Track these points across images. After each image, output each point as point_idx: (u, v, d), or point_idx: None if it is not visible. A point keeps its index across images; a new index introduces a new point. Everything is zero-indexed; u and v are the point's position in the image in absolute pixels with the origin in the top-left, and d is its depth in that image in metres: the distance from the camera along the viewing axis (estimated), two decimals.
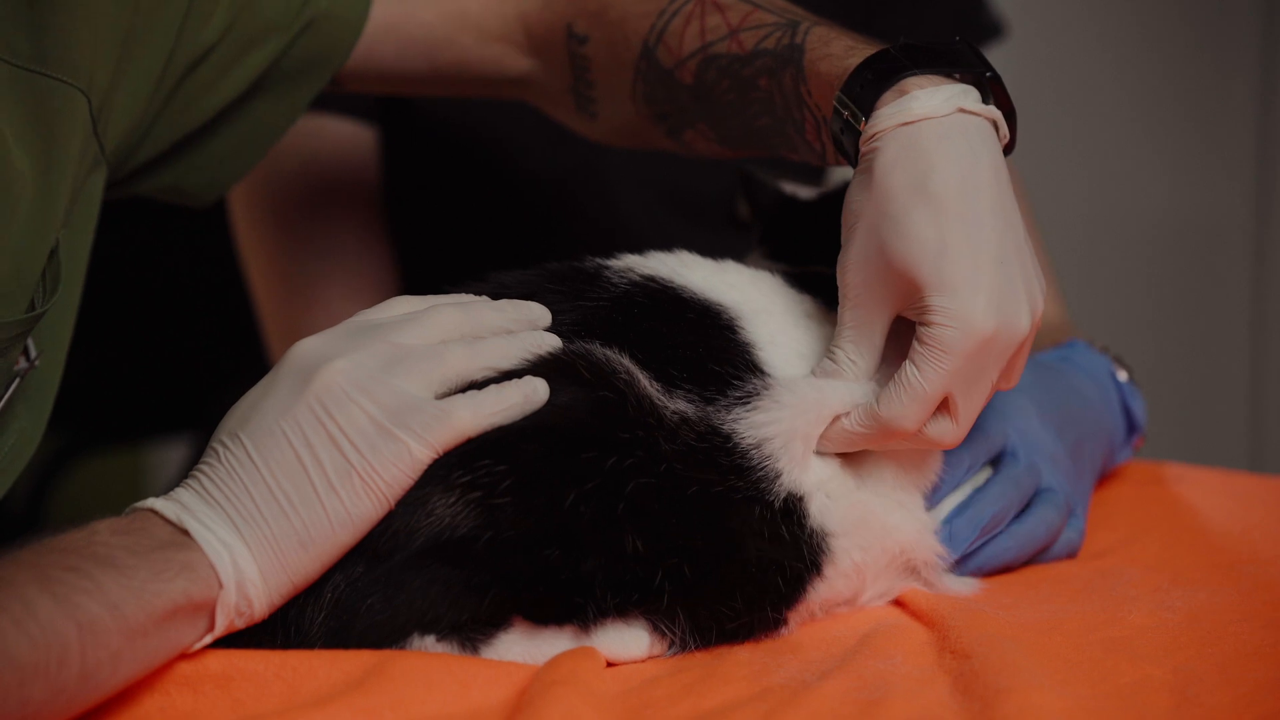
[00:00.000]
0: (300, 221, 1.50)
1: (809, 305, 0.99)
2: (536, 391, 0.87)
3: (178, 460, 2.52)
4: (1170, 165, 2.64)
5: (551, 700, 0.79)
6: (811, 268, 1.02)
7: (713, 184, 1.57)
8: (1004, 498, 0.99)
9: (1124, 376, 1.19)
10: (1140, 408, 1.18)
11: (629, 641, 0.88)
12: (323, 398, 0.83)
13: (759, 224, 1.16)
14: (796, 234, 1.12)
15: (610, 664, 0.88)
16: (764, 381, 0.92)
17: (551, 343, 0.90)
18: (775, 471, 0.90)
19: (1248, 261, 2.65)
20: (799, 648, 0.90)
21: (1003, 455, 1.01)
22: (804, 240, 1.09)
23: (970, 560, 0.98)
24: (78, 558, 0.77)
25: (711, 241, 1.13)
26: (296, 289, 1.50)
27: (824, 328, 0.97)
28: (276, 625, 0.84)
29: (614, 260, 0.98)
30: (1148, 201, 2.65)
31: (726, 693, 0.83)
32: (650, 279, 0.96)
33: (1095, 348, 1.21)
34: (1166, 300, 2.69)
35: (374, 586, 0.84)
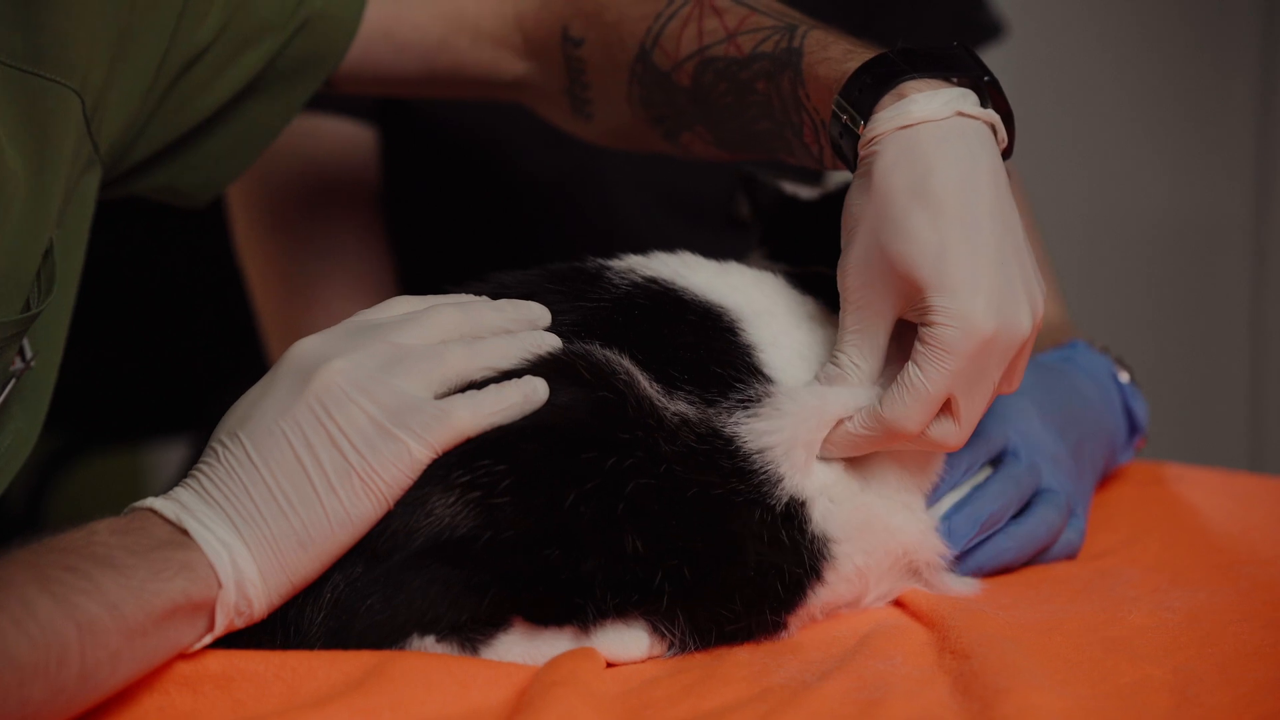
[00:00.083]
0: (299, 222, 1.50)
1: (811, 307, 0.99)
2: (536, 391, 0.87)
3: (177, 460, 2.52)
4: (1170, 165, 2.64)
5: (551, 701, 0.79)
6: (813, 268, 1.02)
7: (712, 185, 1.57)
8: (1003, 495, 0.99)
9: (1125, 377, 1.19)
10: (1142, 408, 1.18)
11: (629, 642, 0.88)
12: (322, 397, 0.83)
13: (760, 224, 1.16)
14: (798, 234, 1.11)
15: (610, 665, 0.88)
16: (766, 388, 0.92)
17: (551, 343, 0.90)
18: (777, 476, 0.90)
19: (1247, 261, 2.65)
20: (799, 648, 0.90)
21: (1003, 456, 1.01)
22: (805, 241, 1.09)
23: (970, 559, 0.98)
24: (77, 557, 0.77)
25: (711, 242, 1.12)
26: (295, 289, 1.50)
27: (826, 329, 0.97)
28: (276, 625, 0.84)
29: (616, 261, 0.98)
30: (1147, 201, 2.65)
31: (726, 693, 0.83)
32: (652, 280, 0.96)
33: (1096, 348, 1.21)
34: (1166, 300, 2.69)
35: (373, 587, 0.84)
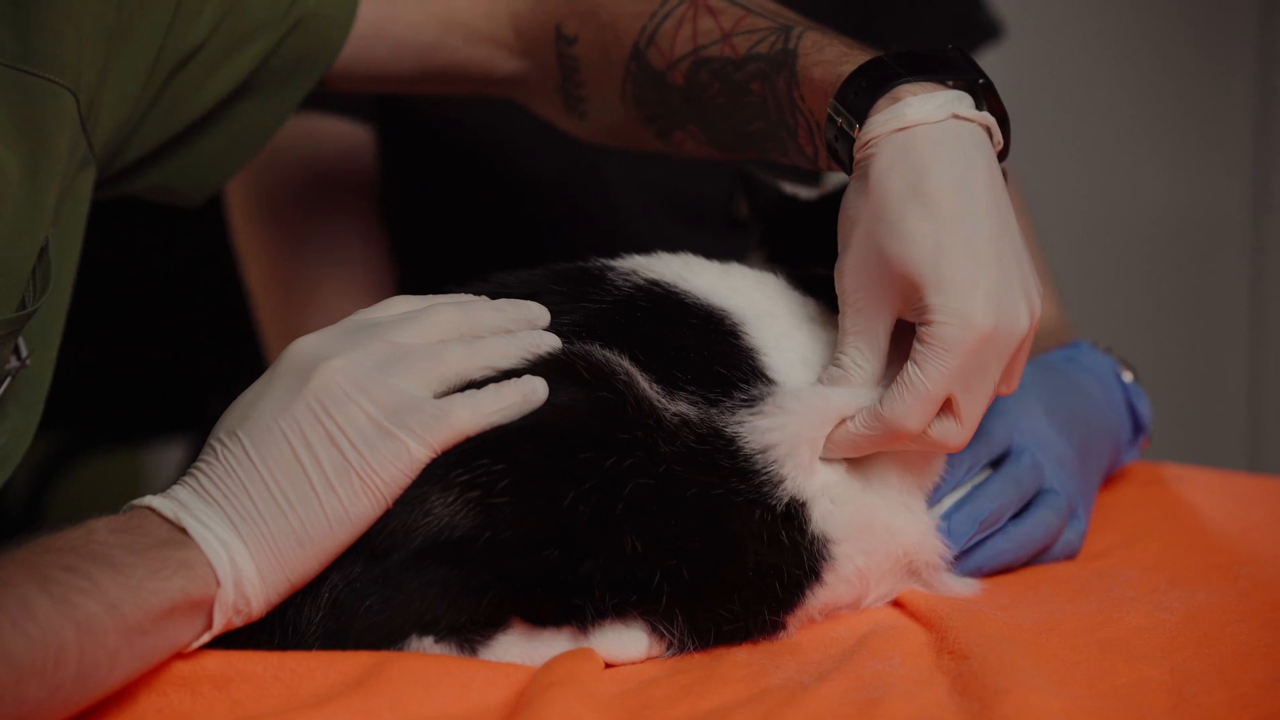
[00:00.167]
0: (298, 221, 1.50)
1: (813, 309, 0.99)
2: (535, 391, 0.87)
3: (177, 460, 2.52)
4: (1168, 164, 2.64)
5: (550, 701, 0.79)
6: (813, 269, 1.02)
7: (712, 186, 1.57)
8: (1003, 495, 0.99)
9: (1129, 377, 1.19)
10: (1146, 408, 1.18)
11: (627, 643, 0.88)
12: (321, 396, 0.83)
13: (759, 225, 1.16)
14: (797, 235, 1.11)
15: (609, 665, 0.88)
16: (769, 388, 0.92)
17: (551, 342, 0.90)
18: (778, 476, 0.90)
19: (1246, 260, 2.65)
20: (797, 649, 0.90)
21: (1006, 455, 1.01)
22: (805, 242, 1.09)
23: (969, 559, 0.98)
24: (75, 557, 0.77)
25: (712, 243, 1.12)
26: (294, 289, 1.50)
27: (828, 331, 0.97)
28: (274, 625, 0.84)
29: (618, 261, 0.98)
30: (1146, 200, 2.65)
31: (725, 694, 0.83)
32: (654, 283, 0.96)
33: (1099, 349, 1.21)
34: (1164, 300, 2.69)
35: (372, 587, 0.84)
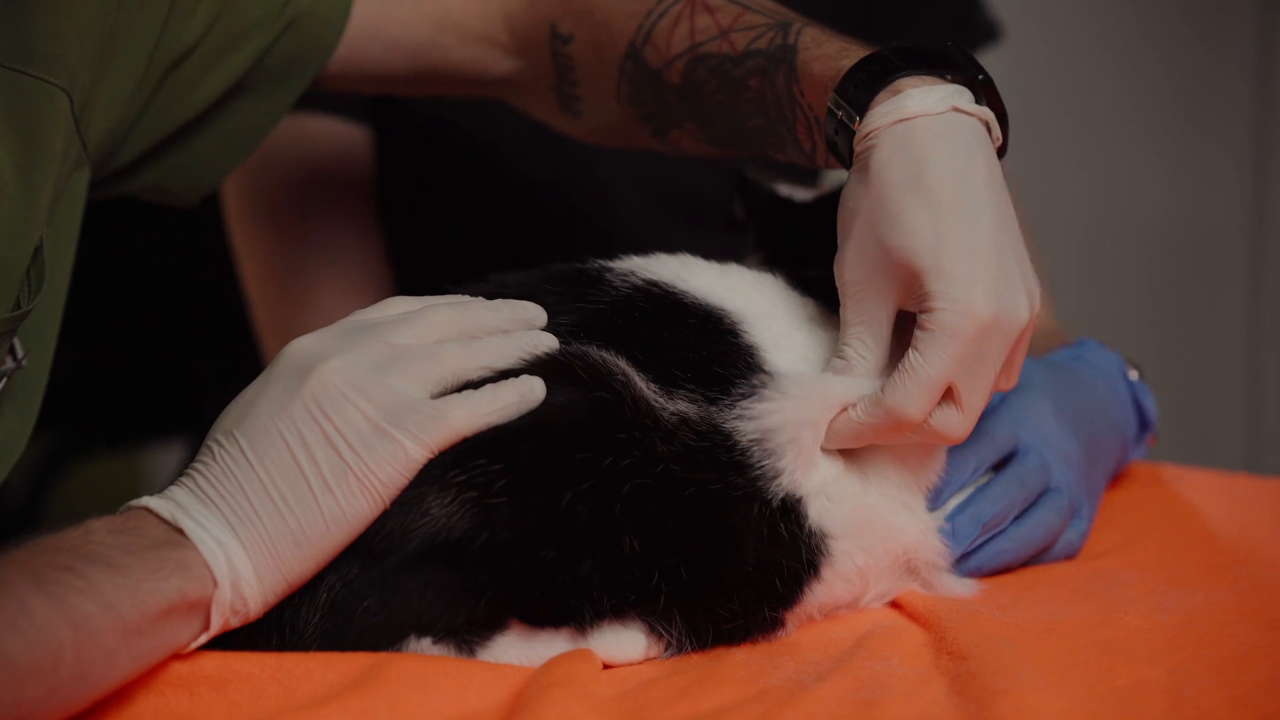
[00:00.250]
0: (294, 222, 1.50)
1: (812, 309, 0.99)
2: (533, 390, 0.87)
3: (174, 461, 2.53)
4: (1167, 166, 2.64)
5: (548, 702, 0.79)
6: (811, 271, 1.02)
7: (710, 185, 1.57)
8: (1007, 496, 0.99)
9: (1134, 375, 1.19)
10: (1152, 405, 1.18)
11: (625, 643, 0.88)
12: (318, 397, 0.83)
13: (755, 227, 1.16)
14: (794, 237, 1.11)
15: (607, 666, 0.88)
16: (771, 378, 0.92)
17: (548, 342, 0.90)
18: (776, 470, 0.90)
19: (1245, 262, 2.65)
20: (796, 649, 0.90)
21: (1012, 456, 1.01)
22: (802, 243, 1.09)
23: (971, 559, 0.98)
24: (72, 557, 0.77)
25: (711, 243, 1.12)
26: (291, 290, 1.50)
27: (828, 332, 0.97)
28: (272, 626, 0.84)
29: (616, 262, 0.98)
30: (1145, 202, 2.65)
31: (723, 694, 0.83)
32: (652, 283, 0.96)
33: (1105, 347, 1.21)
34: (1163, 301, 2.69)
35: (370, 588, 0.84)
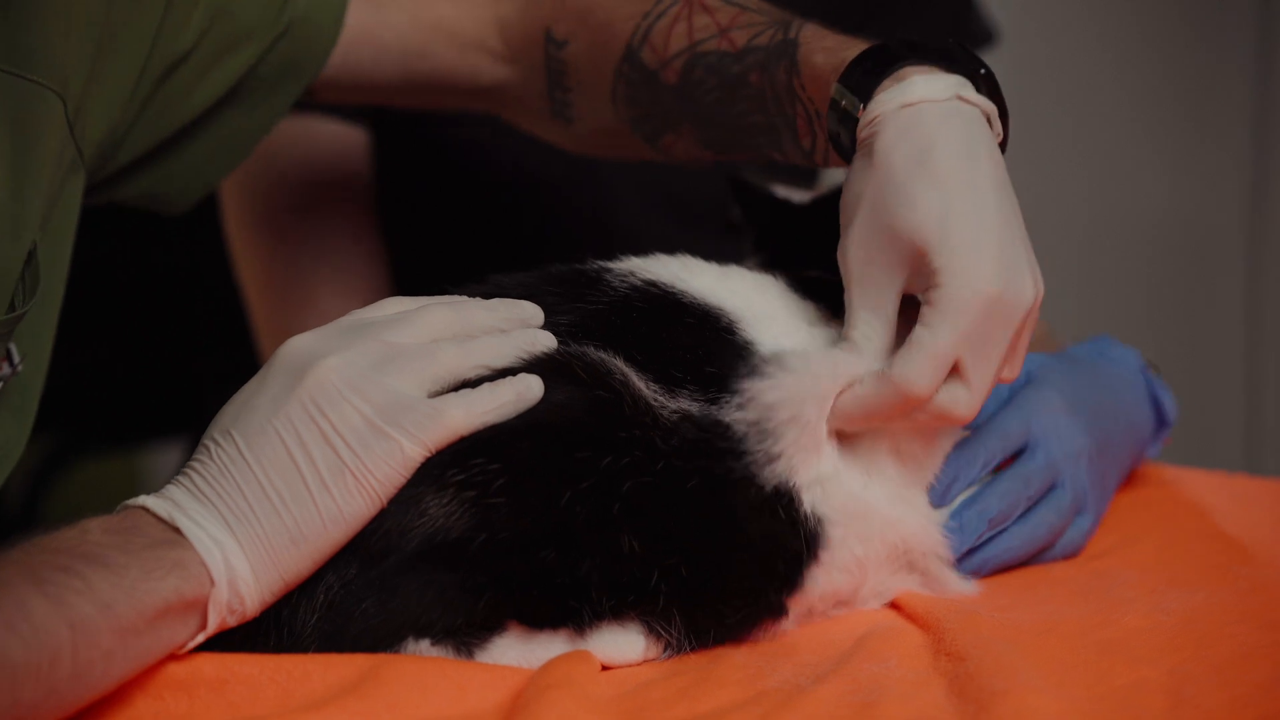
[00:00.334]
0: (292, 224, 1.50)
1: (813, 312, 0.99)
2: (530, 389, 0.87)
3: (173, 463, 2.52)
4: (1166, 166, 2.64)
5: (547, 704, 0.79)
6: (808, 273, 1.02)
7: (709, 187, 1.57)
8: (1011, 493, 0.99)
9: (1152, 372, 1.19)
10: (1170, 403, 1.18)
11: (624, 645, 0.88)
12: (315, 395, 0.83)
13: (752, 229, 1.16)
14: (791, 239, 1.11)
15: (605, 668, 0.88)
16: (774, 355, 0.91)
17: (545, 340, 0.90)
18: (776, 452, 0.89)
19: (1244, 262, 2.65)
20: (794, 651, 0.90)
21: (1021, 451, 1.01)
22: (800, 245, 1.09)
23: (976, 555, 0.99)
24: (70, 557, 0.77)
25: (710, 244, 1.12)
26: (289, 291, 1.50)
27: (829, 333, 0.97)
28: (270, 627, 0.84)
29: (616, 263, 0.98)
30: (1144, 202, 2.65)
31: (721, 696, 0.83)
32: (651, 284, 0.96)
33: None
34: (1162, 301, 2.69)
35: (368, 589, 0.84)
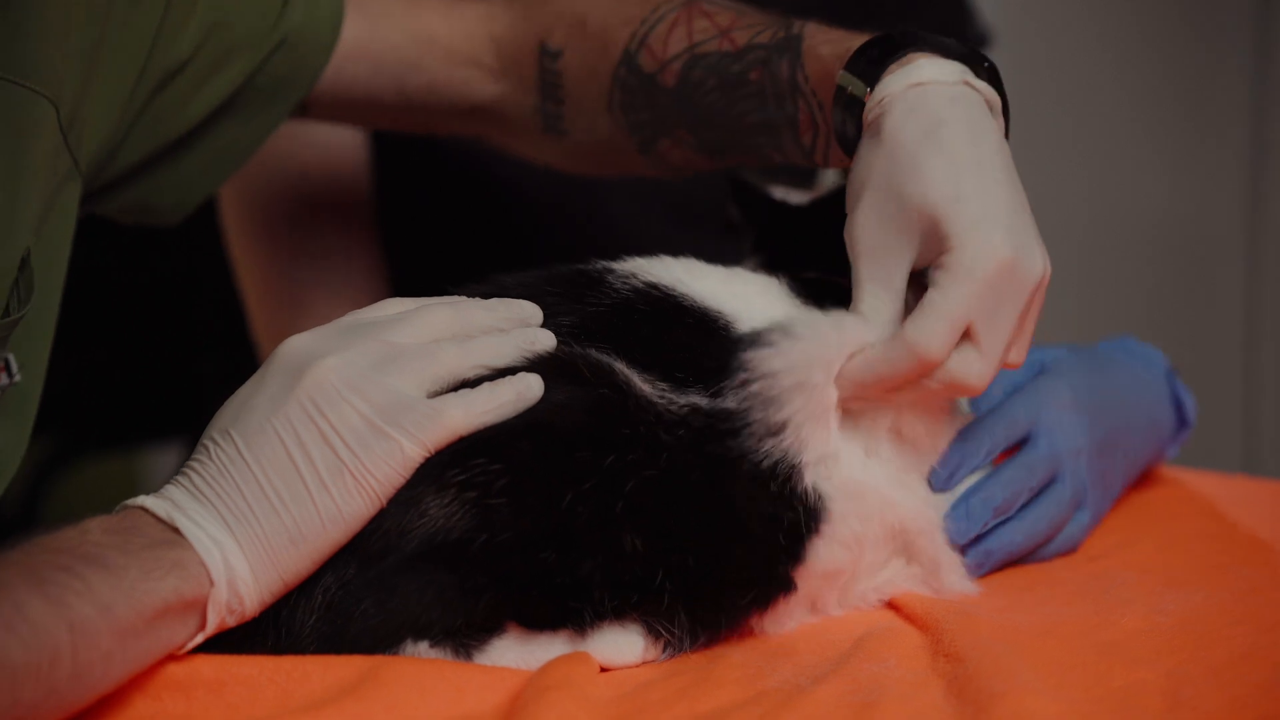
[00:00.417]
0: (291, 228, 1.50)
1: (816, 315, 0.99)
2: (530, 388, 0.87)
3: (173, 464, 2.52)
4: (1165, 166, 2.64)
5: (546, 705, 0.79)
6: (808, 274, 1.02)
7: (709, 188, 1.57)
8: (1016, 482, 0.99)
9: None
10: (1191, 404, 1.19)
11: (623, 646, 0.88)
12: (314, 395, 0.83)
13: (751, 231, 1.16)
14: (791, 240, 1.11)
15: (604, 669, 0.88)
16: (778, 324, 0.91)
17: (545, 340, 0.90)
18: (778, 423, 0.89)
19: (1243, 262, 2.65)
20: (793, 651, 0.90)
21: (1025, 441, 1.01)
22: (799, 246, 1.09)
23: (979, 545, 0.99)
24: (69, 558, 0.77)
25: (711, 247, 1.12)
26: (287, 295, 1.50)
27: None
28: (268, 627, 0.84)
29: (618, 264, 0.98)
30: (1144, 201, 2.65)
31: (720, 697, 0.83)
32: (653, 286, 0.96)
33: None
34: (1161, 301, 2.69)
35: (367, 590, 0.84)
